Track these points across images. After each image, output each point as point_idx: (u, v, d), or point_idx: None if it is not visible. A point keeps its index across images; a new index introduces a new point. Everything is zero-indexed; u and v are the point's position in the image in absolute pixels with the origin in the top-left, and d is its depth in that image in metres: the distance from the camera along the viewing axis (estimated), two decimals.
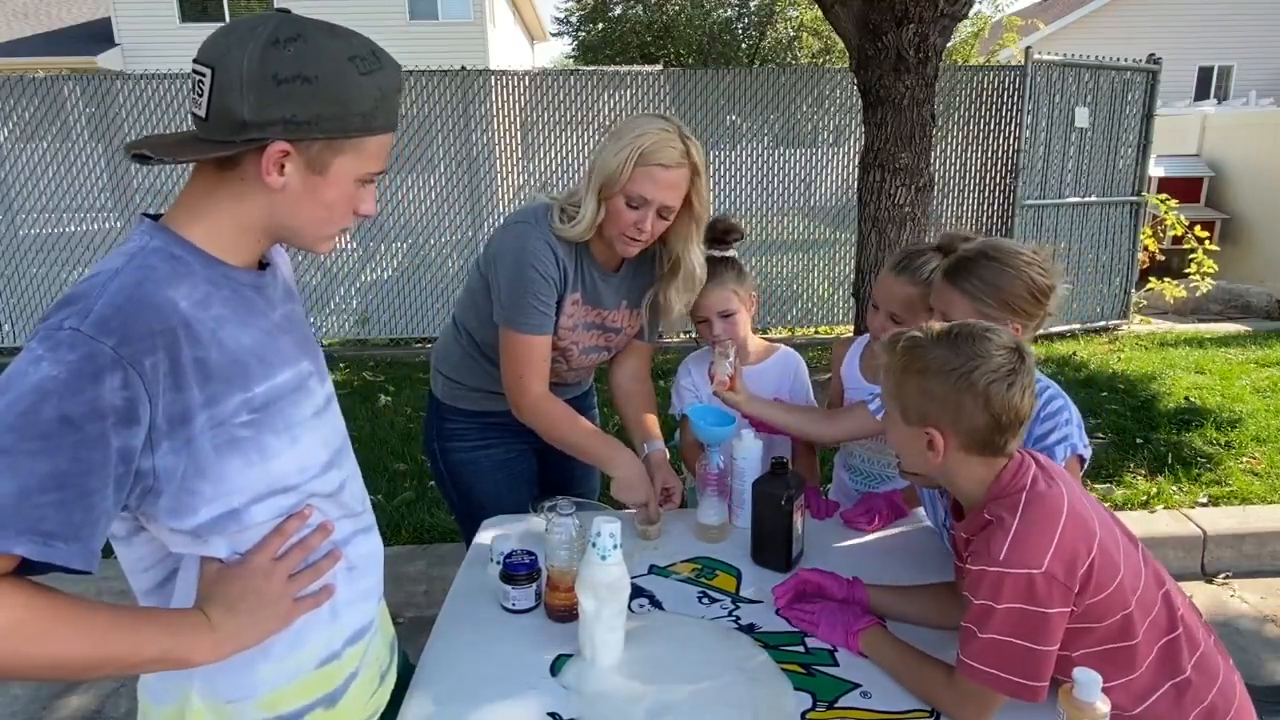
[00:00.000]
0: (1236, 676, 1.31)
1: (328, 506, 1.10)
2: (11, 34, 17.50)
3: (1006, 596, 1.16)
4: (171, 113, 6.13)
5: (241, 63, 0.93)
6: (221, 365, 0.97)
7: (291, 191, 1.00)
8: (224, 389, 0.97)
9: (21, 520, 0.82)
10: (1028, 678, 1.16)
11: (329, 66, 0.95)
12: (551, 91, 6.35)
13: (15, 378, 0.86)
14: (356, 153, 1.01)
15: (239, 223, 1.03)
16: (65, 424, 0.84)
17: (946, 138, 6.38)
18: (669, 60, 21.03)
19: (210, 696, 1.06)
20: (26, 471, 0.83)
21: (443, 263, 6.52)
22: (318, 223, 1.05)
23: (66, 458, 0.84)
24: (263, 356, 1.03)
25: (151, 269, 0.95)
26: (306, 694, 1.10)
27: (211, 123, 0.96)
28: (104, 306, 0.89)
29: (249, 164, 0.98)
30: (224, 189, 1.01)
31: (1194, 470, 3.93)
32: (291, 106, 0.94)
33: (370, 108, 0.99)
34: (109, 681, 2.81)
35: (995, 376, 1.22)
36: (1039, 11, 19.45)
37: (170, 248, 0.99)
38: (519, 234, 1.81)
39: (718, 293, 2.00)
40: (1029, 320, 1.58)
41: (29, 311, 6.36)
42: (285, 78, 0.93)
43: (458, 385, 2.05)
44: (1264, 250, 8.09)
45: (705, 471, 1.85)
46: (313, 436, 1.08)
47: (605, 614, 1.37)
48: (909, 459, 1.35)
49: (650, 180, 1.72)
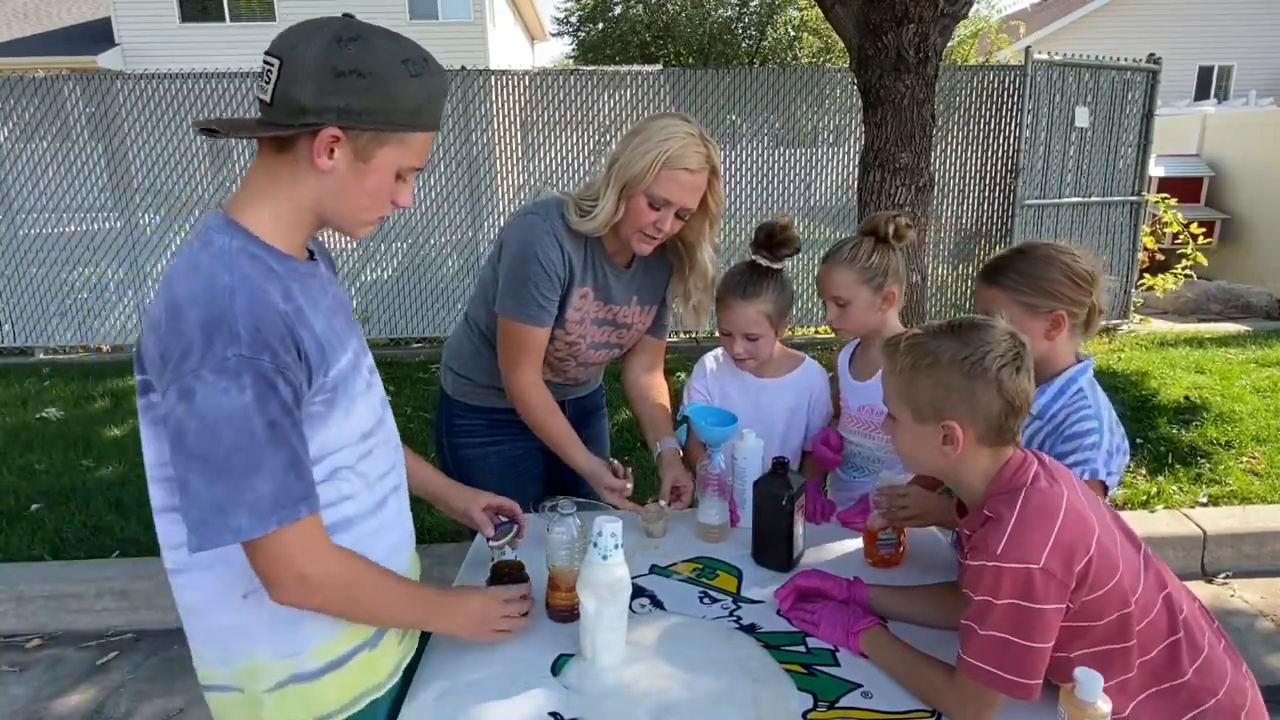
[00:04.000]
0: (1249, 681, 1.31)
1: (350, 476, 1.23)
2: (11, 34, 17.50)
3: (1005, 592, 1.16)
4: (171, 113, 6.13)
5: (307, 55, 1.06)
6: (313, 352, 1.13)
7: (338, 176, 1.12)
8: (316, 373, 1.13)
9: (290, 497, 1.07)
10: (1023, 675, 1.16)
11: (383, 66, 1.08)
12: (551, 91, 6.35)
13: (219, 411, 1.03)
14: (400, 146, 1.13)
15: (295, 205, 1.15)
16: (272, 426, 1.05)
17: (946, 138, 6.38)
18: (669, 60, 21.04)
19: (273, 654, 1.21)
20: (273, 467, 1.05)
21: (442, 263, 6.52)
22: (359, 208, 1.17)
23: (286, 446, 1.07)
24: (330, 341, 1.17)
25: (248, 277, 1.08)
26: (350, 640, 1.25)
27: (275, 108, 1.08)
28: (245, 328, 1.04)
29: (303, 147, 1.10)
30: (282, 172, 1.13)
31: (1194, 470, 3.93)
32: (346, 97, 1.06)
33: (416, 106, 1.11)
34: (109, 681, 2.81)
35: (1004, 361, 1.23)
36: (1038, 11, 19.45)
37: (249, 247, 1.11)
38: (528, 225, 1.84)
39: (748, 312, 1.94)
40: (1076, 307, 1.58)
41: (29, 311, 6.36)
42: (343, 71, 1.06)
43: (468, 381, 2.06)
44: (1264, 250, 8.08)
45: (706, 472, 1.85)
46: (362, 407, 1.24)
47: (607, 614, 1.37)
48: (923, 460, 1.35)
49: (675, 184, 1.75)
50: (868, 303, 1.92)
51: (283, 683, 1.21)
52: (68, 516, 3.60)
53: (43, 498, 3.80)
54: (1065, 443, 1.53)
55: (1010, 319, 1.48)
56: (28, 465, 4.18)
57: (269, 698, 1.21)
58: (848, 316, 1.94)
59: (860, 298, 1.91)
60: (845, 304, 1.93)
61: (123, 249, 6.30)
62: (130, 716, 2.66)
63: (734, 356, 2.01)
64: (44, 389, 5.52)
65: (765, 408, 2.04)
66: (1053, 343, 1.58)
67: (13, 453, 4.35)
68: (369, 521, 1.26)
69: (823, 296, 1.98)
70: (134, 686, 2.80)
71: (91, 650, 3.00)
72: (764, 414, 2.03)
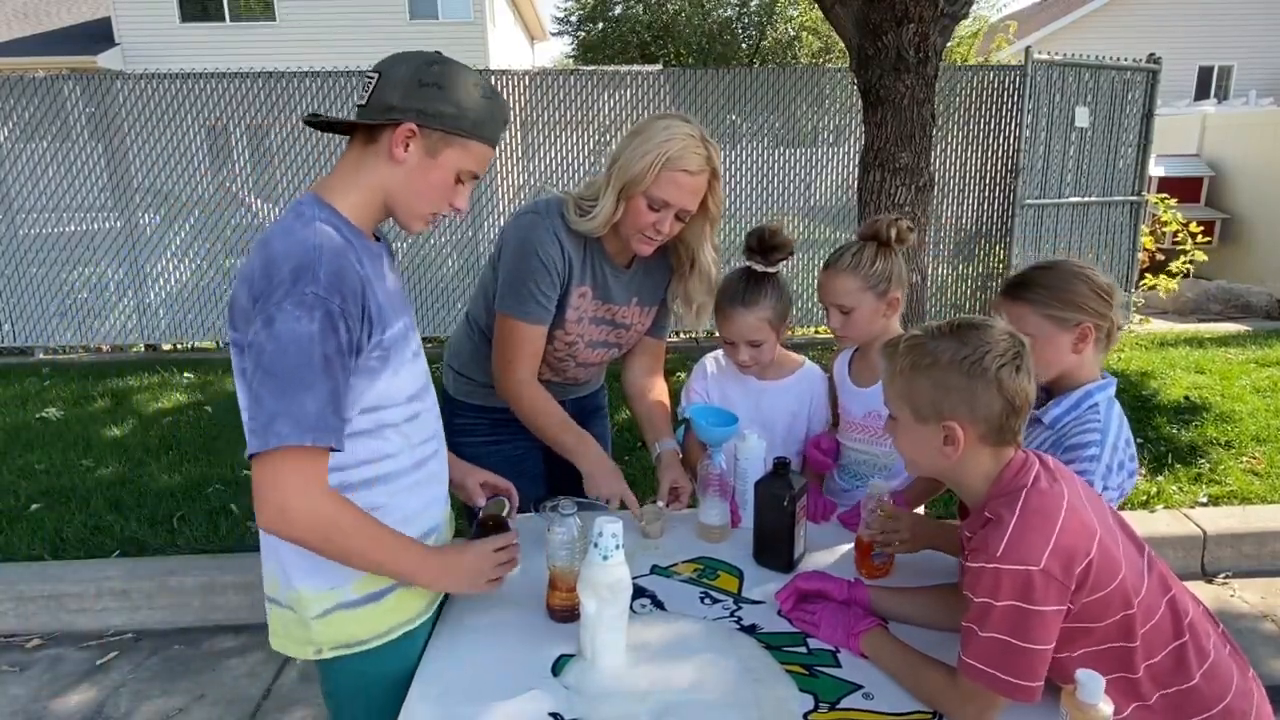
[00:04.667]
0: (1256, 684, 1.30)
1: (394, 435, 1.39)
2: (11, 34, 17.49)
3: (1005, 594, 1.16)
4: (171, 113, 6.13)
5: (401, 71, 1.31)
6: (375, 313, 1.30)
7: (409, 167, 1.33)
8: (375, 329, 1.31)
9: (326, 426, 1.21)
10: (1022, 678, 1.16)
11: (458, 84, 1.33)
12: (551, 91, 6.35)
13: (291, 334, 1.19)
14: (463, 150, 1.35)
15: (371, 191, 1.35)
16: (327, 359, 1.21)
17: (946, 138, 6.38)
18: (669, 60, 21.04)
19: (316, 588, 1.37)
20: (319, 393, 1.20)
21: (442, 263, 6.52)
22: (422, 200, 1.37)
23: (333, 380, 1.22)
24: (390, 307, 1.36)
25: (331, 238, 1.27)
26: (385, 579, 1.40)
27: (369, 108, 1.32)
28: (325, 274, 1.22)
29: (384, 141, 1.32)
30: (365, 160, 1.35)
31: (1194, 470, 3.93)
32: (425, 101, 1.30)
33: (480, 119, 1.35)
34: (109, 681, 2.81)
35: (1004, 361, 1.23)
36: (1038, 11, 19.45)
37: (333, 220, 1.31)
38: (528, 223, 1.84)
39: (749, 320, 1.92)
40: (1101, 320, 1.58)
41: (29, 311, 6.36)
42: (427, 83, 1.30)
43: (468, 381, 2.07)
44: (1264, 250, 8.08)
45: (707, 472, 1.84)
46: (408, 372, 1.41)
47: (607, 614, 1.37)
48: (923, 461, 1.35)
49: (675, 185, 1.74)
50: (872, 309, 1.89)
51: (328, 610, 1.37)
52: (67, 516, 3.60)
53: (42, 498, 3.80)
54: (1064, 453, 1.52)
55: (1038, 334, 1.49)
56: (28, 465, 4.18)
57: (315, 623, 1.38)
58: (852, 324, 1.91)
59: (864, 304, 1.88)
60: (849, 311, 1.89)
61: (123, 249, 6.30)
62: (130, 716, 2.66)
63: (739, 364, 1.99)
64: (44, 389, 5.53)
65: (767, 410, 2.04)
66: (1080, 356, 1.59)
67: (13, 453, 4.35)
68: (407, 478, 1.43)
69: (824, 303, 1.94)
70: (134, 686, 2.80)
71: (91, 650, 3.00)
72: (765, 416, 2.02)
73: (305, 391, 1.19)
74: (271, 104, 6.17)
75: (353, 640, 1.40)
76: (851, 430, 2.02)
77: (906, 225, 1.89)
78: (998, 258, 6.54)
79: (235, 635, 3.06)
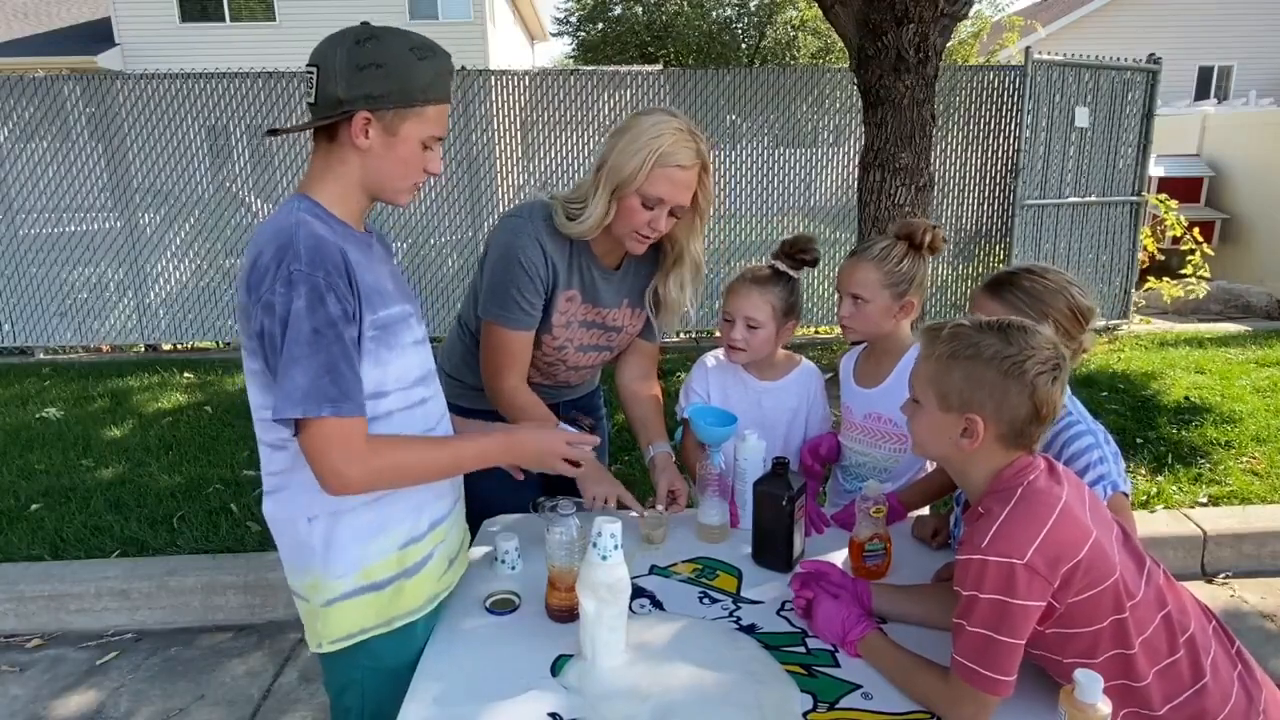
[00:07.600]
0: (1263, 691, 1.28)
1: (405, 418, 1.42)
2: (11, 34, 17.49)
3: (988, 586, 1.16)
4: (171, 113, 6.13)
5: (336, 59, 1.31)
6: (365, 290, 1.33)
7: (374, 151, 1.36)
8: (366, 308, 1.33)
9: (319, 395, 1.25)
10: (998, 671, 1.17)
11: (395, 56, 1.32)
12: (551, 91, 6.35)
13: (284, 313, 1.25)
14: (419, 119, 1.36)
15: (346, 182, 1.39)
16: (316, 333, 1.25)
17: (946, 138, 6.38)
18: (669, 60, 21.04)
19: (327, 574, 1.40)
20: (308, 366, 1.24)
21: (442, 263, 6.52)
22: (396, 176, 1.40)
23: (325, 352, 1.26)
24: (380, 291, 1.38)
25: (311, 223, 1.32)
26: (390, 569, 1.43)
27: (319, 105, 1.33)
28: (306, 250, 1.27)
29: (343, 132, 1.35)
30: (333, 156, 1.38)
31: (1194, 470, 3.93)
32: (370, 85, 1.31)
33: (427, 84, 1.35)
34: (109, 681, 2.81)
35: (1043, 369, 1.23)
36: (1039, 11, 19.44)
37: (315, 210, 1.35)
38: (511, 229, 1.83)
39: (754, 297, 1.95)
40: (1067, 341, 1.56)
41: (29, 311, 6.36)
42: (364, 65, 1.30)
43: (459, 384, 2.05)
44: (1264, 250, 8.08)
45: (706, 472, 1.84)
46: (411, 358, 1.44)
47: (606, 614, 1.37)
48: (934, 447, 1.35)
49: (668, 181, 1.73)
50: (885, 307, 1.89)
51: (334, 599, 1.40)
52: (67, 516, 3.60)
53: (42, 498, 3.80)
54: (1069, 463, 1.51)
55: None
56: (28, 465, 4.18)
57: (323, 611, 1.41)
58: (861, 315, 1.91)
59: (879, 300, 1.89)
60: (862, 302, 1.90)
61: (122, 249, 6.30)
62: (130, 717, 2.66)
63: (729, 342, 1.98)
64: (44, 389, 5.52)
65: (768, 410, 2.04)
66: None
67: (13, 453, 4.35)
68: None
69: (840, 290, 1.95)
70: (134, 686, 2.80)
71: (91, 650, 3.00)
72: (767, 417, 2.02)
73: (294, 366, 1.25)
74: (271, 104, 6.17)
75: (354, 630, 1.42)
76: (852, 431, 2.03)
77: (942, 236, 1.91)
78: (997, 258, 6.54)
79: (235, 635, 3.06)
